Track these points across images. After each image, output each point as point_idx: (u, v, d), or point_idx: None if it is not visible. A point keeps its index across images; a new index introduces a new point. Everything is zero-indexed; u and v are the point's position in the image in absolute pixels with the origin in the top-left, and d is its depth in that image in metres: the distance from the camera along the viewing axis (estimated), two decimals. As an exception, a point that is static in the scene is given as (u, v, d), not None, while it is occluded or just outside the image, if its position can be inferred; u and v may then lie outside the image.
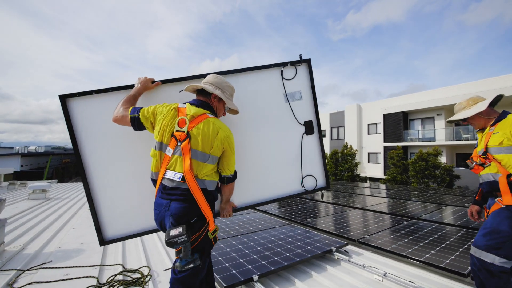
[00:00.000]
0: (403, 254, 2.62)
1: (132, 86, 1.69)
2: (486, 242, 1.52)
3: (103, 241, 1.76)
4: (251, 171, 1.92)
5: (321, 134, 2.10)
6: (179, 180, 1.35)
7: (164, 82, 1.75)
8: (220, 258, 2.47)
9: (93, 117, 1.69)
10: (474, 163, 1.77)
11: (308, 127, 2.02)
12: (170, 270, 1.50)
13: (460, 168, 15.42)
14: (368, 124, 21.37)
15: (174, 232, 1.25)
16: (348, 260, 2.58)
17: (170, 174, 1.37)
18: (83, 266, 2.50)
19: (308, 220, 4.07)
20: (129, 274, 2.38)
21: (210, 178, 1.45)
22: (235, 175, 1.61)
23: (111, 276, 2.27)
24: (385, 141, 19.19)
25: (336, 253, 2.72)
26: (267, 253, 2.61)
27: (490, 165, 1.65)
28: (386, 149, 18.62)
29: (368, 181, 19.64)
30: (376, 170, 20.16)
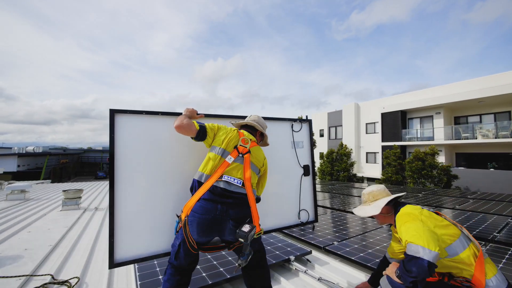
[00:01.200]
0: (369, 265, 2.32)
1: (177, 114, 1.90)
2: None
3: (113, 264, 1.67)
4: (264, 202, 2.15)
5: (314, 176, 2.55)
6: (239, 185, 1.55)
7: (206, 116, 1.99)
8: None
9: (135, 135, 1.79)
10: None
11: (306, 170, 2.48)
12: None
13: (459, 168, 15.00)
14: (366, 124, 20.99)
15: (246, 228, 1.40)
16: (305, 272, 2.29)
17: (228, 178, 1.55)
18: (7, 277, 2.24)
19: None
20: (55, 286, 2.12)
21: (255, 188, 1.71)
22: (258, 199, 1.81)
23: (31, 290, 2.01)
24: (383, 140, 18.78)
25: (294, 263, 2.43)
26: (214, 262, 2.33)
27: None
28: (384, 148, 18.20)
29: (366, 181, 19.27)
30: (374, 170, 19.77)
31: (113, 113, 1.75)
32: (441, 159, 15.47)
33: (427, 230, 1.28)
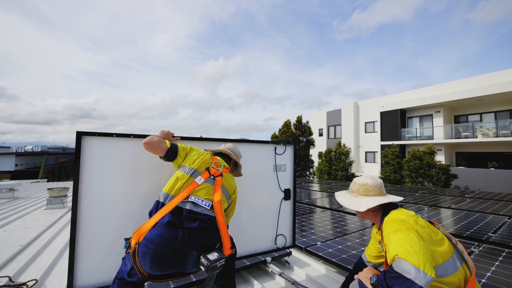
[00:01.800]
0: (350, 268, 2.16)
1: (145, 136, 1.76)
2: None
3: None
4: (238, 226, 2.12)
5: (295, 201, 2.48)
6: (207, 208, 1.37)
7: (182, 138, 1.90)
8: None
9: (103, 157, 1.67)
10: None
11: (287, 194, 2.41)
12: None
13: (459, 167, 14.78)
14: (366, 123, 20.78)
15: (212, 256, 1.18)
16: (280, 275, 2.12)
17: (195, 199, 1.38)
18: (-39, 280, 2.09)
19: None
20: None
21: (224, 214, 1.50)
22: None
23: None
24: (382, 139, 18.58)
25: (271, 264, 2.27)
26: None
27: None
28: (383, 147, 18.00)
29: (364, 181, 19.04)
30: (373, 169, 19.58)
31: (80, 135, 1.61)
32: (440, 158, 15.25)
33: (423, 246, 1.07)
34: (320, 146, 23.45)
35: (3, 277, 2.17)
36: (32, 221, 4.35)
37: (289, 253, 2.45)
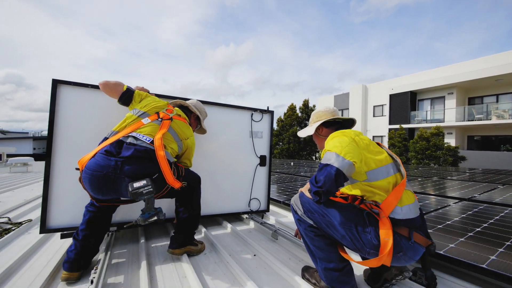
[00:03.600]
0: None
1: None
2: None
3: (44, 229, 1.67)
4: (213, 186, 2.23)
5: (270, 167, 2.54)
6: (147, 142, 1.37)
7: (157, 95, 1.92)
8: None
9: (78, 107, 1.72)
10: None
11: (262, 160, 2.46)
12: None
13: (469, 150, 14.30)
14: (374, 106, 20.21)
15: (137, 184, 1.21)
16: (252, 218, 2.26)
17: (136, 134, 1.39)
18: (-33, 218, 2.34)
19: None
20: (2, 225, 2.20)
21: (171, 153, 1.50)
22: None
23: (-18, 227, 2.10)
24: (390, 123, 18.10)
25: (246, 215, 2.40)
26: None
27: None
28: (391, 131, 17.60)
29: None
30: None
31: (56, 83, 1.63)
32: (451, 142, 14.76)
33: (353, 146, 1.12)
34: (326, 130, 23.13)
35: (3, 217, 2.42)
36: (39, 186, 4.68)
37: (264, 211, 2.51)
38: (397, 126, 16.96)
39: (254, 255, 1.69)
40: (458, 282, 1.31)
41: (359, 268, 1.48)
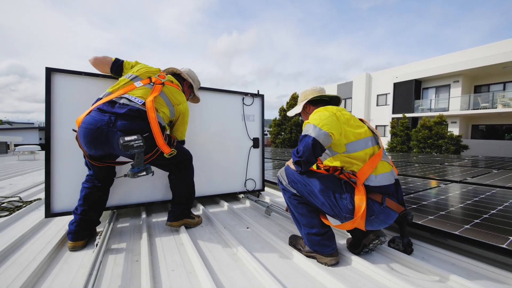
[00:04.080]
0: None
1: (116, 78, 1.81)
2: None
3: (49, 214, 1.73)
4: (210, 168, 2.34)
5: (264, 149, 2.65)
6: (139, 104, 1.40)
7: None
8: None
9: (73, 95, 1.76)
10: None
11: (255, 142, 2.57)
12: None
13: (473, 139, 14.18)
14: (378, 95, 19.97)
15: (129, 138, 1.26)
16: (247, 197, 2.37)
17: (129, 96, 1.43)
18: (-19, 197, 2.50)
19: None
20: (14, 202, 2.35)
21: (163, 117, 1.53)
22: (183, 142, 1.84)
23: (-4, 204, 2.26)
24: (394, 112, 17.93)
25: (240, 195, 2.52)
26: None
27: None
28: (393, 120, 17.46)
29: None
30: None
31: (49, 71, 1.66)
32: (455, 131, 14.63)
33: (333, 120, 1.20)
34: (329, 120, 23.02)
35: (15, 196, 2.58)
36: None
37: (259, 191, 2.64)
38: (400, 115, 16.79)
39: (247, 228, 1.81)
40: (432, 248, 1.42)
41: (343, 237, 1.59)
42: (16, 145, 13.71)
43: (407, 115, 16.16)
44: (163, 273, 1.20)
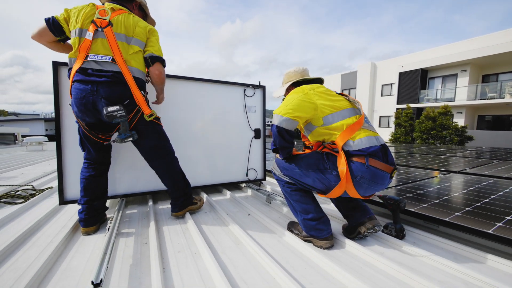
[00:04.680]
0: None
1: None
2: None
3: (63, 201, 1.84)
4: (213, 158, 2.42)
5: (265, 139, 2.71)
6: (109, 61, 1.39)
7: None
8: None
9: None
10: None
11: (257, 133, 2.62)
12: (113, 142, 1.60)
13: (478, 130, 14.01)
14: (382, 85, 19.67)
15: (111, 108, 1.35)
16: (248, 186, 2.46)
17: (95, 57, 1.40)
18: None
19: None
20: (27, 190, 2.48)
21: (137, 64, 1.48)
22: (162, 59, 1.58)
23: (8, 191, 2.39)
24: (398, 102, 17.70)
25: (242, 184, 2.61)
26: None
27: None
28: (398, 111, 17.27)
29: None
30: (386, 134, 19.09)
31: (56, 66, 1.70)
32: (460, 122, 14.45)
33: (299, 100, 1.27)
34: (333, 111, 22.83)
35: (27, 185, 2.71)
36: (56, 162, 5.03)
37: (261, 180, 2.73)
38: (405, 106, 16.59)
39: (248, 214, 1.91)
40: (423, 234, 1.49)
41: (339, 223, 1.68)
42: (23, 136, 13.99)
43: (412, 105, 15.95)
44: (170, 254, 1.30)
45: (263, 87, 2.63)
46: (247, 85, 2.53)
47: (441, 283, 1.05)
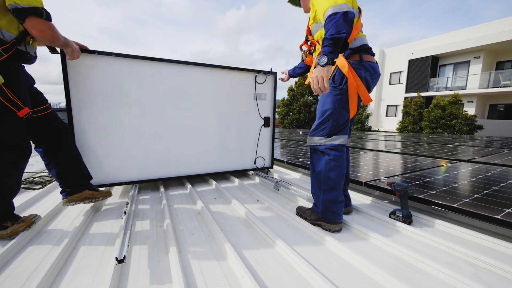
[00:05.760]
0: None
1: (136, 56, 1.96)
2: (313, 128, 1.51)
3: None
4: (221, 145, 2.44)
5: (274, 128, 2.69)
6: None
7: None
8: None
9: (87, 74, 1.83)
10: (302, 52, 1.74)
11: (266, 122, 2.61)
12: None
13: (489, 120, 13.66)
14: (391, 73, 19.17)
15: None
16: (256, 174, 2.51)
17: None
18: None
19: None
20: (44, 177, 2.58)
21: (6, 26, 1.19)
22: (36, 10, 1.16)
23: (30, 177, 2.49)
24: (407, 91, 17.31)
25: (250, 172, 2.66)
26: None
27: (315, 49, 1.56)
28: (406, 99, 16.90)
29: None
30: (393, 124, 18.80)
31: (64, 53, 1.69)
32: (471, 111, 14.08)
33: None
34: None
35: (43, 172, 2.81)
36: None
37: (268, 168, 2.75)
38: (414, 94, 16.19)
39: (257, 200, 1.96)
40: (431, 220, 1.52)
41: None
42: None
43: (422, 94, 15.57)
44: (184, 236, 1.36)
45: (275, 74, 2.57)
46: (258, 71, 2.47)
47: (447, 264, 1.09)
